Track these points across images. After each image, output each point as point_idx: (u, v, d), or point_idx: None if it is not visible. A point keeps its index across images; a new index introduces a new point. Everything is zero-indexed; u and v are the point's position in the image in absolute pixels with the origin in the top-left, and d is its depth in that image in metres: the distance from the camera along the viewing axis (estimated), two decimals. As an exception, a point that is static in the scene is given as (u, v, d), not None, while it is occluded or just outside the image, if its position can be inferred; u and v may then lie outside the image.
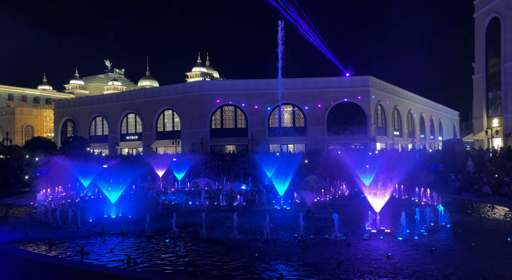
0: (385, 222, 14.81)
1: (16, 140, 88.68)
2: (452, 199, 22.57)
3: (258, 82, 65.19)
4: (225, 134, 65.93)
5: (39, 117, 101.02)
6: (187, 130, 66.82)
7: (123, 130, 76.70)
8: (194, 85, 73.58)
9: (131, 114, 75.42)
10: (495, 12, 46.57)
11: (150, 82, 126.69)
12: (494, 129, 46.33)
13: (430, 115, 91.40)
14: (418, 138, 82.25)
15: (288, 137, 64.05)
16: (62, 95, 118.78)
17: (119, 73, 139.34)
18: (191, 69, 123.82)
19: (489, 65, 48.94)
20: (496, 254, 11.47)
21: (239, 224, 14.85)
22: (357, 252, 11.83)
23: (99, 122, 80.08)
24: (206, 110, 65.49)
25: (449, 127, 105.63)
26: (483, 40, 49.27)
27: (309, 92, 63.97)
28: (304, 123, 64.88)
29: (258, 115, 64.42)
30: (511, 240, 12.93)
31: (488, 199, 22.64)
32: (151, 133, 71.60)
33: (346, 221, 16.28)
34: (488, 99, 49.26)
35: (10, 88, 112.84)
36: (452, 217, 16.60)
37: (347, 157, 22.58)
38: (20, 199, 24.93)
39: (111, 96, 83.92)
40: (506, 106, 45.07)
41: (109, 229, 15.22)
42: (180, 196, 26.77)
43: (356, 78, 64.91)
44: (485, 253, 11.61)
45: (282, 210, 20.65)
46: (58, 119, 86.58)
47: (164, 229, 15.19)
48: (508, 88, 44.62)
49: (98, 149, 73.55)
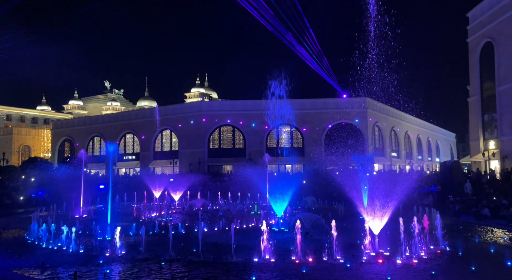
0: (384, 244, 14.63)
1: (13, 160, 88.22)
2: (451, 221, 22.40)
3: (256, 102, 65.69)
4: (223, 154, 65.89)
5: (37, 137, 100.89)
6: (185, 150, 66.76)
7: (121, 150, 76.52)
8: (192, 105, 74.02)
9: (129, 134, 75.47)
10: (488, 37, 47.61)
11: (148, 103, 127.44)
12: (491, 151, 46.52)
13: (427, 136, 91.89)
14: (415, 159, 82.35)
15: (286, 157, 63.98)
16: (61, 116, 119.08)
17: (118, 94, 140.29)
18: (190, 90, 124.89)
19: (484, 88, 49.60)
20: (497, 279, 11.30)
21: (236, 246, 14.64)
22: (356, 275, 11.63)
23: (97, 142, 79.98)
24: (204, 131, 65.67)
25: (446, 149, 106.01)
26: (477, 64, 50.13)
27: (306, 113, 64.40)
28: (302, 144, 65.03)
29: (256, 135, 64.60)
30: (511, 264, 12.77)
31: (487, 222, 22.50)
32: (148, 153, 71.47)
33: (345, 243, 16.08)
34: (484, 122, 49.67)
35: (8, 108, 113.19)
36: (452, 239, 16.44)
37: (344, 178, 22.52)
38: (14, 221, 24.60)
39: (109, 116, 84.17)
40: (502, 129, 45.42)
41: (104, 251, 14.96)
42: (176, 217, 26.47)
43: (353, 100, 65.53)
44: (486, 277, 11.44)
45: (280, 231, 20.41)
46: (55, 139, 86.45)
47: (160, 250, 14.95)
48: (504, 111, 45.09)
49: (95, 169, 73.11)
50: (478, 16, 49.68)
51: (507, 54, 44.28)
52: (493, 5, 46.49)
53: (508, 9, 43.77)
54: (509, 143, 44.14)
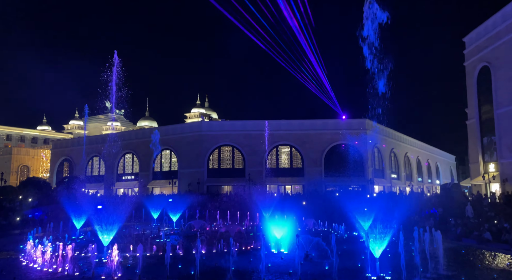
0: (385, 268, 14.38)
1: (11, 180, 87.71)
2: (453, 245, 22.11)
3: (256, 123, 65.99)
4: (222, 174, 65.60)
5: (36, 157, 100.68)
6: (184, 170, 66.52)
7: (120, 170, 76.26)
8: (192, 125, 74.30)
9: (129, 154, 75.38)
10: (484, 62, 48.32)
11: (149, 123, 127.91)
12: (491, 174, 46.38)
13: (426, 158, 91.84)
14: (415, 181, 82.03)
15: (285, 178, 63.74)
16: (61, 136, 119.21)
17: (118, 114, 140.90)
18: (190, 110, 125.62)
19: (482, 111, 49.94)
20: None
21: (235, 268, 14.38)
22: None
23: (96, 162, 79.77)
24: (204, 151, 65.63)
25: (446, 171, 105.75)
26: (475, 87, 50.66)
27: (306, 133, 64.60)
28: (302, 165, 64.87)
29: (256, 155, 64.52)
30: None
31: (489, 246, 22.20)
32: (147, 173, 71.18)
33: (346, 266, 15.80)
34: (483, 145, 49.75)
35: (9, 128, 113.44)
36: (454, 264, 16.17)
37: (345, 200, 22.38)
38: (9, 242, 24.26)
39: (109, 136, 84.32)
40: (501, 151, 45.44)
41: (99, 274, 14.68)
42: (174, 238, 26.10)
43: (352, 121, 65.91)
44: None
45: (279, 253, 20.10)
46: (54, 159, 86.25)
47: (157, 273, 14.67)
48: (502, 134, 45.24)
49: (94, 189, 72.61)
50: (474, 41, 50.62)
51: (504, 78, 44.85)
52: (488, 31, 47.46)
53: (504, 35, 44.66)
54: (509, 166, 44.07)
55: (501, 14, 45.22)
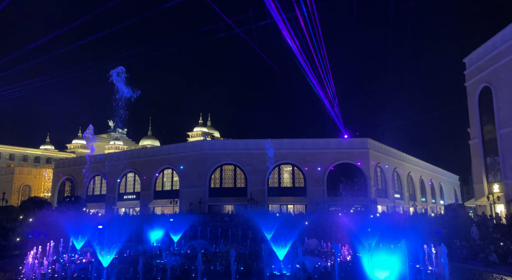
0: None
1: (12, 199, 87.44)
2: (458, 267, 21.67)
3: (258, 142, 66.08)
4: (224, 193, 65.17)
5: (38, 177, 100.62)
6: (186, 189, 66.18)
7: (121, 189, 75.96)
8: (194, 144, 74.41)
9: (130, 173, 75.26)
10: (485, 82, 48.58)
11: (151, 142, 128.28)
12: (496, 195, 45.89)
13: (430, 178, 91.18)
14: (419, 201, 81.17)
15: (287, 197, 63.28)
16: (63, 155, 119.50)
17: (121, 133, 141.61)
18: (193, 129, 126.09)
19: (484, 131, 49.85)
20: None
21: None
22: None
23: (98, 181, 79.60)
24: (206, 170, 65.46)
25: (450, 191, 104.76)
26: (476, 107, 50.75)
27: (308, 153, 64.51)
28: (304, 184, 64.47)
29: (258, 174, 64.24)
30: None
31: (496, 269, 21.76)
32: (149, 192, 70.82)
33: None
34: (487, 165, 49.41)
35: (12, 148, 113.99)
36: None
37: (348, 220, 22.14)
38: (8, 263, 23.96)
39: (112, 155, 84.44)
40: (505, 172, 45.08)
41: (99, 296, 14.41)
42: (175, 259, 25.71)
43: (355, 140, 65.90)
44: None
45: (281, 275, 19.75)
46: (56, 178, 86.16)
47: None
48: (506, 154, 45.00)
49: (95, 208, 72.19)
50: (474, 61, 51.07)
51: (505, 98, 44.99)
52: (488, 52, 47.93)
53: (505, 56, 45.06)
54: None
55: (500, 35, 45.79)
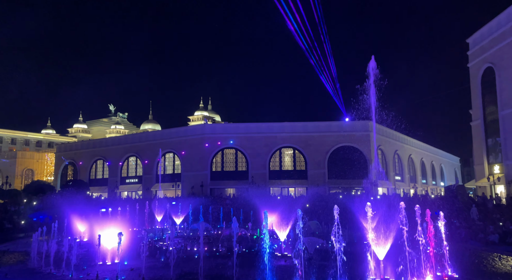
0: (389, 270, 14.30)
1: (16, 183, 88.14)
2: (458, 247, 21.93)
3: (259, 125, 65.99)
4: (225, 177, 65.60)
5: (40, 161, 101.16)
6: (188, 173, 66.58)
7: (124, 173, 76.41)
8: (195, 128, 74.40)
9: (132, 157, 75.58)
10: (489, 63, 48.05)
11: (152, 126, 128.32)
12: (496, 176, 46.05)
13: (431, 160, 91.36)
14: (420, 183, 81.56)
15: (288, 180, 63.65)
16: (65, 139, 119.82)
17: (122, 117, 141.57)
18: (193, 113, 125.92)
19: (486, 113, 49.64)
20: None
21: (238, 271, 14.35)
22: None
23: (100, 165, 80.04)
24: (207, 153, 65.69)
25: (450, 173, 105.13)
26: (479, 89, 50.39)
27: (309, 136, 64.52)
28: (305, 167, 64.72)
29: (259, 158, 64.49)
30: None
31: (495, 248, 22.01)
32: (151, 176, 71.27)
33: (349, 268, 15.72)
34: (488, 146, 49.42)
35: (13, 132, 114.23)
36: (459, 266, 16.06)
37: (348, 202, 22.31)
38: (14, 245, 24.36)
39: (113, 139, 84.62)
40: (506, 153, 45.11)
41: (103, 277, 14.70)
42: (178, 241, 26.09)
43: (356, 123, 65.73)
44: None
45: (283, 256, 20.05)
46: (59, 162, 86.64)
47: (161, 277, 14.66)
48: (507, 136, 44.92)
49: (98, 192, 72.86)
50: (478, 42, 50.40)
51: (508, 79, 44.59)
52: (493, 31, 47.23)
53: (509, 35, 44.40)
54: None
55: (505, 14, 45.00)
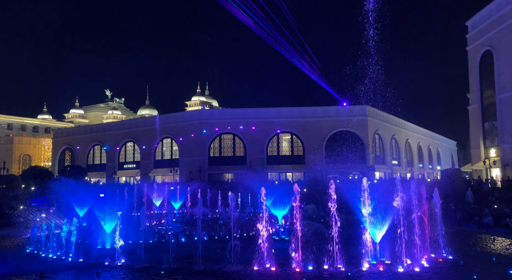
0: (385, 253, 14.53)
1: (13, 169, 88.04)
2: (453, 230, 22.25)
3: (256, 110, 65.83)
4: (223, 162, 65.79)
5: (37, 146, 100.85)
6: (185, 158, 66.69)
7: (121, 159, 76.47)
8: (193, 114, 74.15)
9: (130, 142, 75.50)
10: (487, 46, 47.80)
11: (149, 111, 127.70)
12: (492, 159, 46.40)
13: (427, 144, 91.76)
14: (416, 167, 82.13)
15: (286, 165, 63.92)
16: (62, 124, 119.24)
17: (119, 103, 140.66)
18: (191, 99, 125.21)
19: (484, 96, 49.66)
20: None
21: (236, 254, 14.54)
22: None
23: (97, 151, 79.99)
24: (205, 139, 65.68)
25: (447, 157, 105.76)
26: (477, 72, 50.26)
27: (307, 121, 64.50)
28: (303, 152, 64.94)
29: (257, 143, 64.58)
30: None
31: (489, 230, 22.36)
32: (149, 161, 71.39)
33: (346, 251, 15.95)
34: (485, 130, 49.62)
35: (9, 117, 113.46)
36: (453, 248, 16.32)
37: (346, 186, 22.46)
38: (13, 230, 24.52)
39: (110, 125, 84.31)
40: (502, 136, 45.36)
41: (103, 260, 14.86)
42: (177, 226, 26.32)
43: (354, 108, 65.65)
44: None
45: (280, 240, 20.30)
46: (56, 148, 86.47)
47: (160, 260, 14.84)
48: (504, 119, 45.07)
49: (96, 177, 73.03)
50: (477, 24, 49.97)
51: (507, 62, 44.43)
52: (492, 14, 46.78)
53: (508, 18, 44.03)
54: (510, 151, 44.05)
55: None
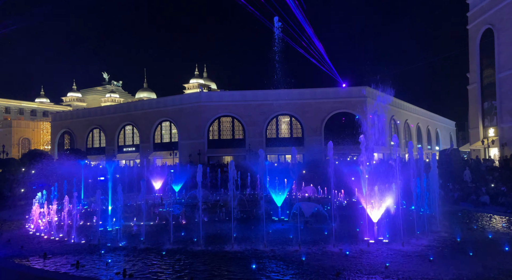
0: (383, 232, 14.74)
1: (13, 153, 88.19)
2: (450, 209, 22.52)
3: (255, 93, 65.47)
4: (222, 145, 65.88)
5: (36, 130, 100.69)
6: (185, 141, 66.75)
7: (121, 142, 76.50)
8: (191, 96, 73.74)
9: (129, 126, 75.35)
10: (488, 24, 47.21)
11: (147, 94, 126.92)
12: (490, 139, 46.54)
13: (426, 125, 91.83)
14: (415, 148, 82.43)
15: (285, 147, 64.05)
16: (60, 108, 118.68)
17: (116, 86, 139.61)
18: (189, 81, 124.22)
19: (483, 76, 49.40)
20: (495, 264, 11.41)
21: (236, 236, 14.75)
22: (355, 263, 11.74)
23: (96, 134, 79.93)
24: (204, 122, 65.55)
25: (446, 137, 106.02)
26: (477, 51, 49.82)
27: (306, 103, 64.25)
28: (302, 134, 64.98)
29: (256, 126, 64.52)
30: (509, 249, 12.88)
31: (486, 209, 22.62)
32: (148, 144, 71.46)
33: (345, 231, 16.19)
34: (484, 109, 49.58)
35: (7, 101, 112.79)
36: (450, 226, 16.56)
37: (345, 167, 22.61)
38: (15, 213, 24.73)
39: (108, 108, 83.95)
40: (501, 116, 45.36)
41: (105, 242, 15.07)
42: (177, 208, 26.59)
43: (353, 89, 65.32)
44: (484, 262, 11.53)
45: (280, 221, 20.54)
46: (55, 131, 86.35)
47: (161, 241, 15.06)
48: (503, 98, 44.97)
49: (95, 161, 73.23)
50: (478, 2, 49.21)
51: (507, 41, 43.98)
52: (494, -9, 46.05)
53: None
54: (509, 130, 44.15)
55: (506, -26, 43.69)
